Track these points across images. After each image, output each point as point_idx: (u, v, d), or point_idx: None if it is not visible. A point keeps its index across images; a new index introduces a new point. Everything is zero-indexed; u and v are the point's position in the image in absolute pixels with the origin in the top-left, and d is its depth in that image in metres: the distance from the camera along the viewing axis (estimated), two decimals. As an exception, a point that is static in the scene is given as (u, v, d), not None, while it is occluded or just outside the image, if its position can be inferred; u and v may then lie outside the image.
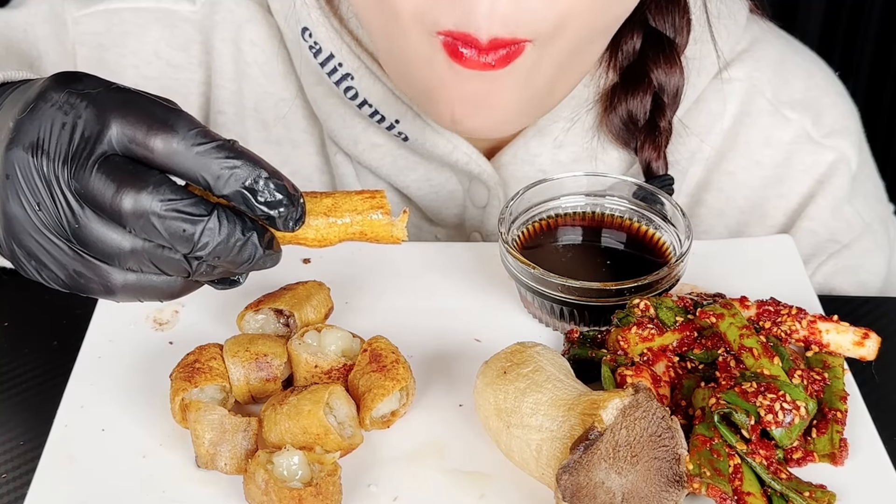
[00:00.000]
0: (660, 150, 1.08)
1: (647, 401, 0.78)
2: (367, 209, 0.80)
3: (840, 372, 0.89)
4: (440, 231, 1.18)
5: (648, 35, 1.08)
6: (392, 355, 0.87)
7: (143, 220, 0.73)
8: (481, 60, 0.91)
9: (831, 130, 1.16)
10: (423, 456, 0.85)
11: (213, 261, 0.75)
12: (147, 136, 0.73)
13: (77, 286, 0.78)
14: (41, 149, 0.74)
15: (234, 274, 0.79)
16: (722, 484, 0.78)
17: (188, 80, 1.17)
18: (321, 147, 1.18)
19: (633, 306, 0.90)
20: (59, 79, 0.76)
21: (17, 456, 0.87)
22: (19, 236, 0.76)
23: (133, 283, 0.77)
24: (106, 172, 0.73)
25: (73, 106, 0.74)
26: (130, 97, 0.75)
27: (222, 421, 0.82)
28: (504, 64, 0.92)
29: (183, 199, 0.73)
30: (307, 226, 0.79)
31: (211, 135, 0.74)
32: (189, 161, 0.73)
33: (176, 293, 0.79)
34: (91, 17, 1.15)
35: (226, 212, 0.74)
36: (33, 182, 0.74)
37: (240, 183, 0.73)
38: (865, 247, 1.16)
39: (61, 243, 0.76)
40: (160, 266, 0.76)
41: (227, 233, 0.74)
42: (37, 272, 0.78)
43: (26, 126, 0.74)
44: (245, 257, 0.75)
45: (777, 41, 1.19)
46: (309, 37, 1.08)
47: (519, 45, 0.92)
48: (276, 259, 0.78)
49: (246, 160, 0.74)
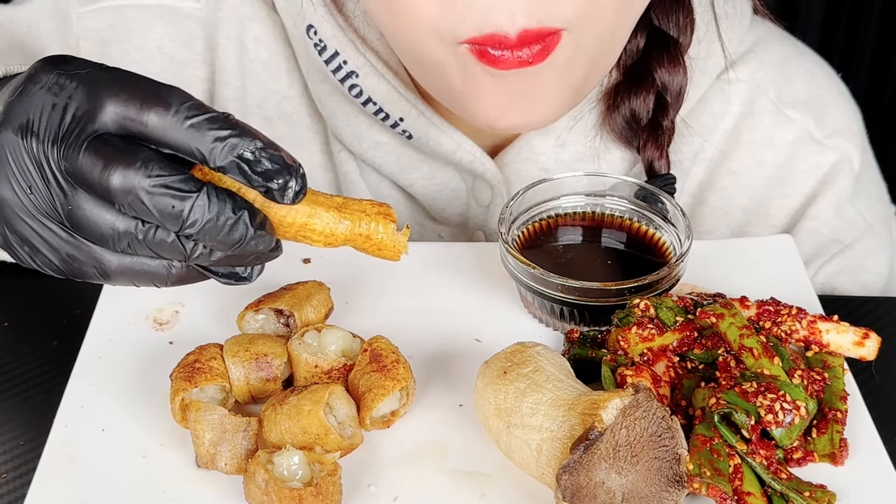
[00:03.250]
0: (662, 149, 1.08)
1: (647, 401, 0.78)
2: (376, 213, 0.80)
3: (840, 372, 0.89)
4: (443, 229, 1.18)
5: (652, 34, 1.08)
6: (392, 355, 0.87)
7: (132, 196, 0.72)
8: (516, 57, 0.89)
9: (834, 131, 1.16)
10: (423, 456, 0.85)
11: (204, 240, 0.74)
12: (141, 111, 0.73)
13: (71, 270, 0.77)
14: (31, 130, 0.73)
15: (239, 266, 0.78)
16: (722, 484, 0.78)
17: (192, 76, 1.17)
18: (325, 145, 1.18)
19: (634, 306, 0.90)
20: (49, 61, 0.76)
21: (17, 456, 0.87)
22: (11, 221, 0.76)
23: (128, 267, 0.76)
24: (95, 150, 0.72)
25: (62, 87, 0.74)
26: (121, 75, 0.74)
27: (222, 421, 0.82)
28: (542, 58, 0.90)
29: (171, 175, 0.72)
30: (317, 216, 0.78)
31: (205, 108, 0.73)
32: (183, 134, 0.72)
33: (175, 280, 0.78)
34: (95, 13, 1.16)
35: (216, 189, 0.73)
36: (24, 165, 0.74)
37: (234, 153, 0.72)
38: (868, 247, 1.16)
39: (54, 226, 0.75)
40: (154, 248, 0.75)
41: (217, 210, 0.73)
42: (30, 258, 0.77)
43: (16, 109, 0.74)
44: (236, 237, 0.74)
45: (780, 42, 1.19)
46: (314, 34, 1.08)
47: (553, 36, 0.90)
48: (268, 241, 0.76)
49: (240, 131, 0.73)
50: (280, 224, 0.77)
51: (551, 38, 0.90)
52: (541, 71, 0.92)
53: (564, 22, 0.90)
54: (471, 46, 0.91)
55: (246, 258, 0.77)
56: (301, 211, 0.77)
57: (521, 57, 0.90)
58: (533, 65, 0.90)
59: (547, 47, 0.90)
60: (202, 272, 0.78)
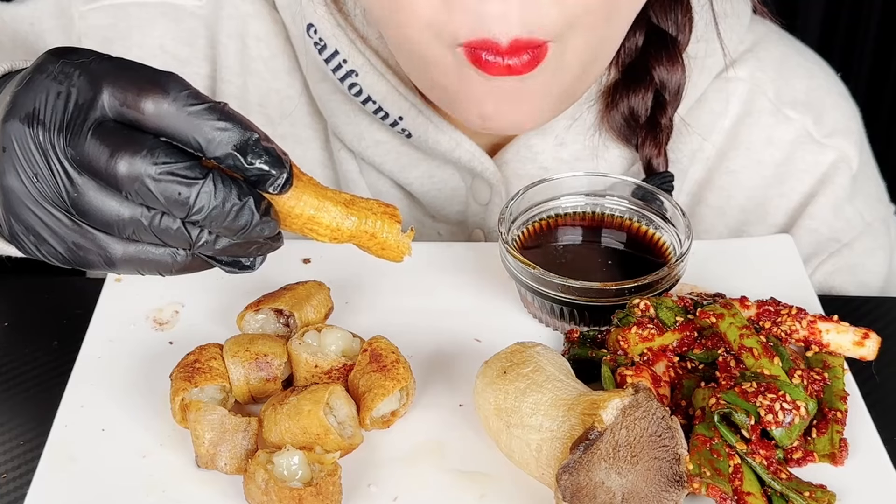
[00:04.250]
0: (660, 147, 1.08)
1: (647, 401, 0.78)
2: (382, 213, 0.80)
3: (840, 372, 0.89)
4: (442, 227, 1.18)
5: (650, 32, 1.08)
6: (392, 355, 0.87)
7: (139, 183, 0.72)
8: (506, 65, 0.91)
9: (833, 130, 1.16)
10: (423, 456, 0.85)
11: (210, 226, 0.74)
12: (138, 98, 0.73)
13: (77, 259, 0.77)
14: (37, 119, 0.74)
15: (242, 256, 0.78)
16: (722, 484, 0.78)
17: (193, 74, 1.17)
18: (325, 143, 1.18)
19: (633, 306, 0.90)
20: (55, 51, 0.76)
21: (17, 456, 0.87)
22: (17, 210, 0.76)
23: (133, 255, 0.77)
24: (100, 138, 0.73)
25: (67, 75, 0.74)
26: (123, 63, 0.75)
27: (222, 421, 0.82)
28: (530, 68, 0.92)
29: (178, 163, 0.72)
30: (325, 210, 0.78)
31: (202, 97, 0.74)
32: (181, 122, 0.73)
33: (179, 268, 0.78)
34: (97, 11, 1.16)
35: (221, 176, 0.74)
36: (30, 153, 0.74)
37: (231, 144, 0.73)
38: (866, 246, 1.16)
39: (60, 214, 0.75)
40: (160, 235, 0.75)
41: (223, 197, 0.73)
42: (35, 248, 0.77)
43: (22, 98, 0.74)
44: (242, 223, 0.74)
45: (780, 41, 1.19)
46: (314, 33, 1.08)
47: (541, 48, 0.91)
48: (272, 227, 0.76)
49: (237, 123, 0.73)
50: (288, 215, 0.78)
51: (540, 49, 0.91)
52: (529, 78, 0.93)
53: (554, 34, 0.91)
54: (467, 49, 0.92)
55: (250, 247, 0.77)
56: (309, 203, 0.78)
57: (511, 65, 0.91)
58: (521, 73, 0.92)
59: (536, 57, 0.92)
60: (206, 261, 0.78)
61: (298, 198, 0.77)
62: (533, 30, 0.90)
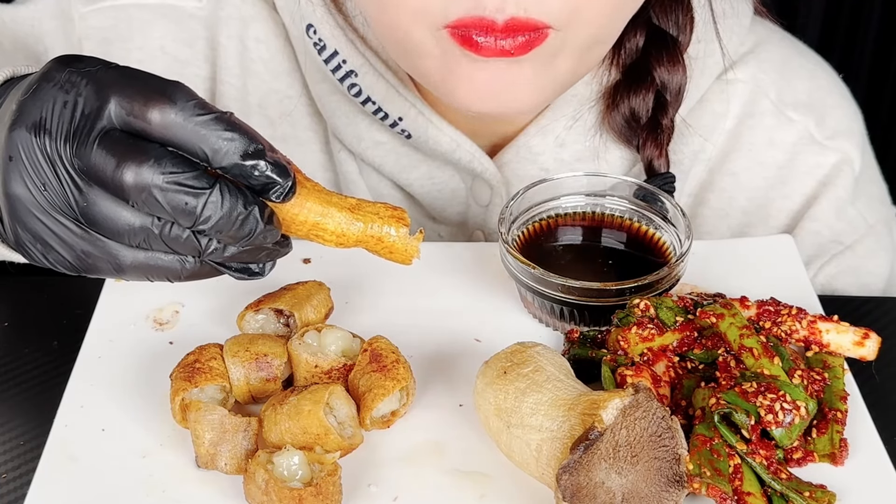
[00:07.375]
0: (661, 147, 1.08)
1: (647, 401, 0.78)
2: (389, 216, 0.80)
3: (840, 372, 0.89)
4: (443, 229, 1.18)
5: (651, 33, 1.08)
6: (392, 355, 0.87)
7: (146, 193, 0.72)
8: (499, 46, 0.89)
9: (835, 132, 1.16)
10: (423, 456, 0.85)
11: (216, 235, 0.75)
12: (144, 107, 0.73)
13: (85, 267, 0.77)
14: (43, 128, 0.74)
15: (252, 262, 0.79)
16: (722, 484, 0.78)
17: (193, 75, 1.17)
18: (325, 144, 1.18)
19: (634, 306, 0.90)
20: (61, 60, 0.76)
21: (17, 456, 0.87)
22: (24, 218, 0.76)
23: (143, 262, 0.77)
24: (106, 147, 0.73)
25: (73, 84, 0.74)
26: (129, 72, 0.75)
27: (222, 421, 0.82)
28: (524, 51, 0.90)
29: (185, 172, 0.73)
30: (329, 216, 0.78)
31: (209, 107, 0.74)
32: (188, 132, 0.73)
33: (188, 275, 0.78)
34: (97, 12, 1.16)
35: (228, 185, 0.74)
36: (37, 162, 0.74)
37: (237, 155, 0.73)
38: (868, 248, 1.16)
39: (69, 223, 0.75)
40: (169, 243, 0.75)
41: (230, 206, 0.73)
42: (42, 256, 0.77)
43: (29, 106, 0.74)
44: (246, 231, 0.75)
45: (781, 42, 1.19)
46: (314, 34, 1.08)
47: (540, 32, 0.90)
48: (275, 234, 0.77)
49: (242, 133, 0.74)
50: (292, 222, 0.78)
51: (537, 34, 0.90)
52: (522, 62, 0.92)
53: (553, 18, 0.90)
54: (452, 31, 0.90)
55: (259, 253, 0.78)
56: (314, 210, 0.78)
57: (504, 46, 0.90)
58: (514, 56, 0.90)
59: (531, 42, 0.90)
60: (216, 268, 0.78)
61: (302, 205, 0.77)
62: (531, 9, 0.88)
